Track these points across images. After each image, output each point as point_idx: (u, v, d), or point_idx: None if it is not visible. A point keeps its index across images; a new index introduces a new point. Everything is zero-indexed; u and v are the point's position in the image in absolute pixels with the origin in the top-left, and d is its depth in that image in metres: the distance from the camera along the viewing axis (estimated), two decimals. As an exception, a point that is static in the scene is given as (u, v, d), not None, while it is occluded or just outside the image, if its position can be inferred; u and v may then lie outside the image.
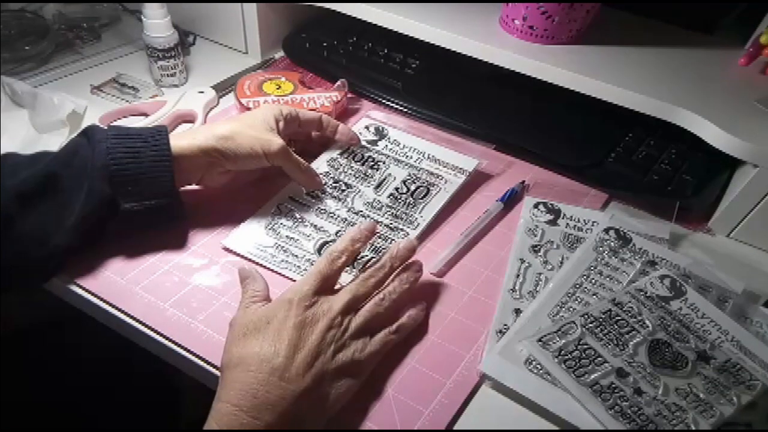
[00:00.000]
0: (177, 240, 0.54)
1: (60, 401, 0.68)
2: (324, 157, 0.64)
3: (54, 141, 0.63)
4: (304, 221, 0.57)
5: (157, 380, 0.74)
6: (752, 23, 0.70)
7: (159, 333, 0.47)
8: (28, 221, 0.47)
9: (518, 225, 0.58)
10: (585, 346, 0.46)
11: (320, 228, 0.56)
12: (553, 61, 0.65)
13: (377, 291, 0.47)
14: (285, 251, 0.54)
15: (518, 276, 0.53)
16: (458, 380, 0.45)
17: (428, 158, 0.64)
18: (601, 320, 0.47)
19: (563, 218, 0.59)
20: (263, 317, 0.43)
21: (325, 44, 0.80)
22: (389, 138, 0.66)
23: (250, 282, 0.47)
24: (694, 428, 0.41)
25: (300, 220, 0.57)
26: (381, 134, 0.67)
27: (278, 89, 0.70)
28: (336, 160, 0.63)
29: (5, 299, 0.60)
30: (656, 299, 0.50)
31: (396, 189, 0.61)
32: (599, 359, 0.45)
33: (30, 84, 0.68)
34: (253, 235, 0.55)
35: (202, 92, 0.71)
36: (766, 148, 0.55)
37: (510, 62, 0.67)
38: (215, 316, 0.48)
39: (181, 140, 0.51)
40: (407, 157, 0.64)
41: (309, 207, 0.58)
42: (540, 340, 0.46)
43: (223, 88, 0.74)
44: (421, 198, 0.60)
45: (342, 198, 0.59)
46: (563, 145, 0.68)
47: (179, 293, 0.50)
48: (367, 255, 0.54)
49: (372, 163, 0.63)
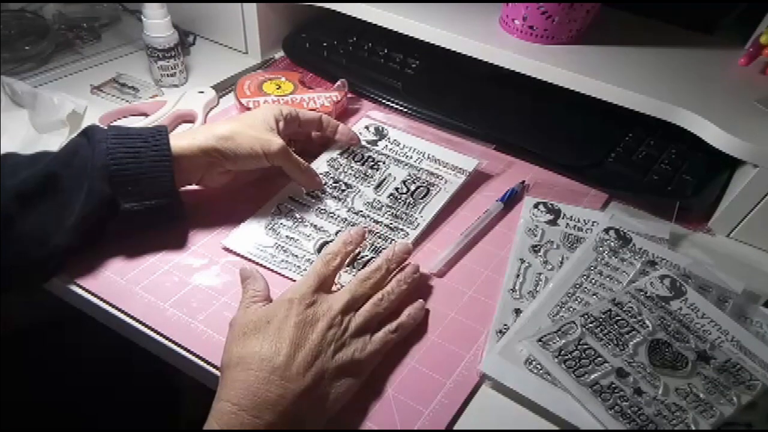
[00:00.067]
0: (177, 240, 0.54)
1: (60, 401, 0.68)
2: (324, 157, 0.64)
3: (54, 141, 0.63)
4: (304, 221, 0.57)
5: (157, 380, 0.74)
6: (752, 23, 0.70)
7: (159, 333, 0.47)
8: (28, 221, 0.47)
9: (518, 225, 0.58)
10: (585, 346, 0.46)
11: (320, 228, 0.56)
12: (553, 61, 0.65)
13: (375, 292, 0.47)
14: (285, 251, 0.54)
15: (518, 276, 0.53)
16: (458, 380, 0.45)
17: (428, 158, 0.64)
18: (601, 320, 0.47)
19: (563, 218, 0.59)
20: (263, 317, 0.43)
21: (325, 44, 0.80)
22: (389, 138, 0.66)
23: (251, 282, 0.47)
24: (694, 428, 0.41)
25: (300, 220, 0.57)
26: (381, 134, 0.67)
27: (278, 89, 0.70)
28: (336, 160, 0.63)
29: (5, 299, 0.60)
30: (656, 299, 0.50)
31: (396, 189, 0.61)
32: (599, 359, 0.45)
33: (30, 84, 0.68)
34: (253, 235, 0.55)
35: (202, 92, 0.71)
36: (766, 148, 0.55)
37: (510, 62, 0.67)
38: (215, 316, 0.48)
39: (181, 140, 0.52)
40: (407, 157, 0.64)
41: (309, 207, 0.58)
42: (540, 340, 0.46)
43: (223, 88, 0.74)
44: (421, 198, 0.60)
45: (342, 198, 0.59)
46: (563, 145, 0.68)
47: (179, 293, 0.50)
48: (368, 255, 0.54)
49: (372, 163, 0.63)
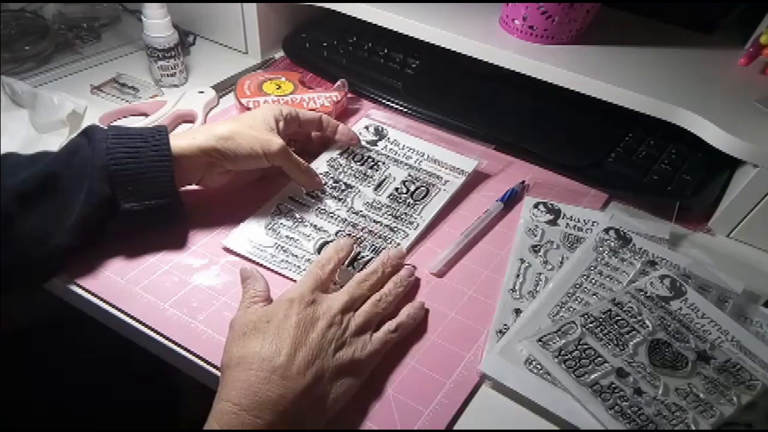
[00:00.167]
0: (177, 240, 0.54)
1: (60, 401, 0.68)
2: (324, 157, 0.64)
3: (54, 141, 0.63)
4: (304, 221, 0.57)
5: (157, 380, 0.74)
6: (752, 23, 0.70)
7: (159, 333, 0.47)
8: (28, 221, 0.47)
9: (518, 225, 0.58)
10: (585, 346, 0.46)
11: (320, 228, 0.56)
12: (553, 61, 0.65)
13: (373, 293, 0.48)
14: (285, 251, 0.54)
15: (518, 276, 0.53)
16: (458, 380, 0.45)
17: (428, 159, 0.64)
18: (601, 320, 0.47)
19: (563, 218, 0.59)
20: (263, 317, 0.43)
21: (325, 44, 0.80)
22: (389, 138, 0.66)
23: (252, 282, 0.47)
24: (694, 428, 0.41)
25: (300, 220, 0.57)
26: (380, 135, 0.67)
27: (278, 89, 0.70)
28: (336, 160, 0.63)
29: (5, 299, 0.60)
30: (656, 299, 0.50)
31: (396, 189, 0.61)
32: (599, 359, 0.45)
33: (30, 84, 0.68)
34: (253, 235, 0.55)
35: (202, 92, 0.71)
36: (766, 148, 0.55)
37: (510, 62, 0.67)
38: (215, 316, 0.48)
39: (181, 140, 0.52)
40: (407, 158, 0.64)
41: (309, 207, 0.58)
42: (540, 340, 0.46)
43: (223, 88, 0.74)
44: (421, 199, 0.60)
45: (342, 198, 0.59)
46: (563, 145, 0.68)
47: (179, 293, 0.50)
48: (368, 255, 0.54)
49: (372, 164, 0.63)
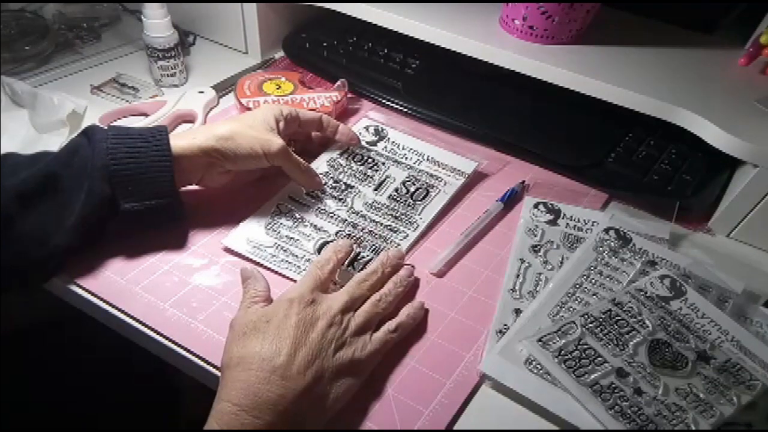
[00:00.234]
0: (177, 240, 0.54)
1: (60, 401, 0.68)
2: (324, 158, 0.64)
3: (54, 141, 0.63)
4: (304, 221, 0.57)
5: (157, 380, 0.74)
6: (752, 23, 0.70)
7: (159, 333, 0.47)
8: (28, 221, 0.47)
9: (518, 225, 0.58)
10: (585, 346, 0.46)
11: (320, 228, 0.56)
12: (553, 61, 0.65)
13: (372, 293, 0.48)
14: (285, 251, 0.54)
15: (518, 276, 0.53)
16: (458, 380, 0.45)
17: (427, 160, 0.64)
18: (601, 320, 0.47)
19: (563, 218, 0.59)
20: (263, 317, 0.43)
21: (325, 44, 0.80)
22: (388, 139, 0.66)
23: (252, 282, 0.47)
24: (694, 428, 0.41)
25: (300, 220, 0.57)
26: (380, 135, 0.67)
27: (278, 89, 0.70)
28: (336, 161, 0.63)
29: (5, 299, 0.60)
30: (656, 299, 0.50)
31: (396, 190, 0.61)
32: (599, 359, 0.45)
33: (30, 84, 0.68)
34: (253, 235, 0.55)
35: (202, 92, 0.71)
36: (766, 148, 0.55)
37: (510, 62, 0.67)
38: (215, 316, 0.48)
39: (181, 140, 0.52)
40: (406, 159, 0.64)
41: (309, 207, 0.58)
42: (540, 340, 0.46)
43: (223, 88, 0.74)
44: (421, 199, 0.60)
45: (342, 198, 0.59)
46: (563, 145, 0.68)
47: (179, 293, 0.50)
48: (368, 255, 0.54)
49: (372, 164, 0.63)
